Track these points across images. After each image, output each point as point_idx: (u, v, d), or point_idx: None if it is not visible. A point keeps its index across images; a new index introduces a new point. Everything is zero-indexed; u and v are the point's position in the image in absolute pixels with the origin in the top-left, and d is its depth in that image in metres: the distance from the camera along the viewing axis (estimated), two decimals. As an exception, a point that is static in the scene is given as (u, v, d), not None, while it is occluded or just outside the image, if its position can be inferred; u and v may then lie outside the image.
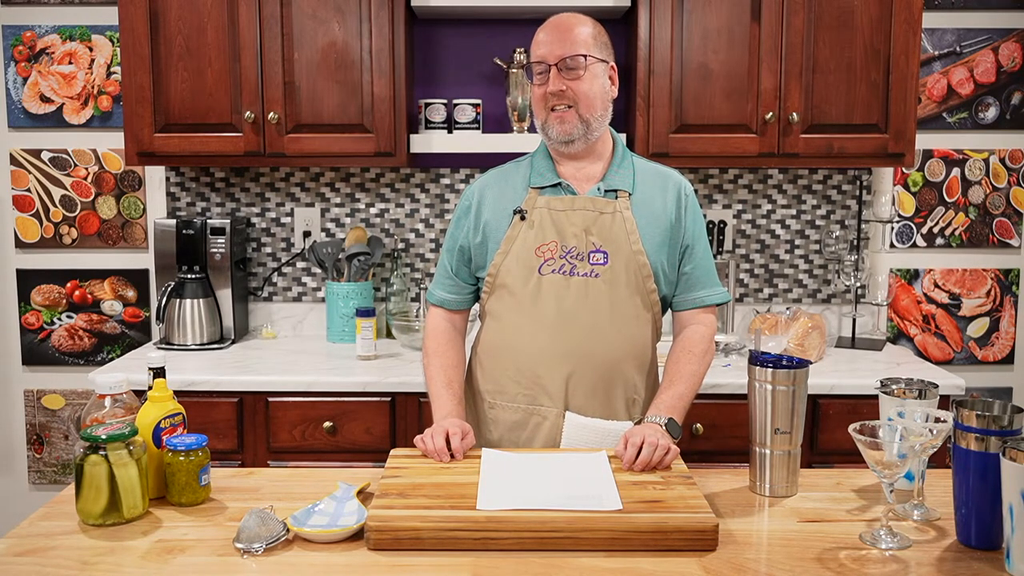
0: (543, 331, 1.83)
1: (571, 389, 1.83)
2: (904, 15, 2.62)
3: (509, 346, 1.87)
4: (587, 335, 1.82)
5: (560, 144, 1.86)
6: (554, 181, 1.87)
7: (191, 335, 2.81)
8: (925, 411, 1.47)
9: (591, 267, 1.82)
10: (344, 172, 3.04)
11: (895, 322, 3.10)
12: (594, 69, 1.83)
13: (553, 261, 1.83)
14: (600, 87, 1.84)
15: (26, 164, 3.05)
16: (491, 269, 1.88)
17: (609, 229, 1.83)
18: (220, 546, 1.37)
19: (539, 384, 1.84)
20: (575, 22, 1.84)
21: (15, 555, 1.35)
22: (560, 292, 1.82)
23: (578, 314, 1.82)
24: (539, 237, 1.84)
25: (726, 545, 1.37)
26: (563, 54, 1.80)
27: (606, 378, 1.84)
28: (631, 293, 1.84)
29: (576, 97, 1.81)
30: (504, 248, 1.86)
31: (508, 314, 1.87)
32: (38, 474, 3.14)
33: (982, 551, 1.35)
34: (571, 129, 1.82)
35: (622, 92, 2.94)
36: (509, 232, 1.86)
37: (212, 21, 2.63)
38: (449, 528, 1.35)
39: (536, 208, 1.85)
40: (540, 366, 1.84)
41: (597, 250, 1.83)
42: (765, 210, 3.05)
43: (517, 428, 1.86)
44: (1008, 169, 3.06)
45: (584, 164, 1.89)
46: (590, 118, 1.83)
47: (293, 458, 2.48)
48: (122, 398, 1.55)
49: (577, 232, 1.83)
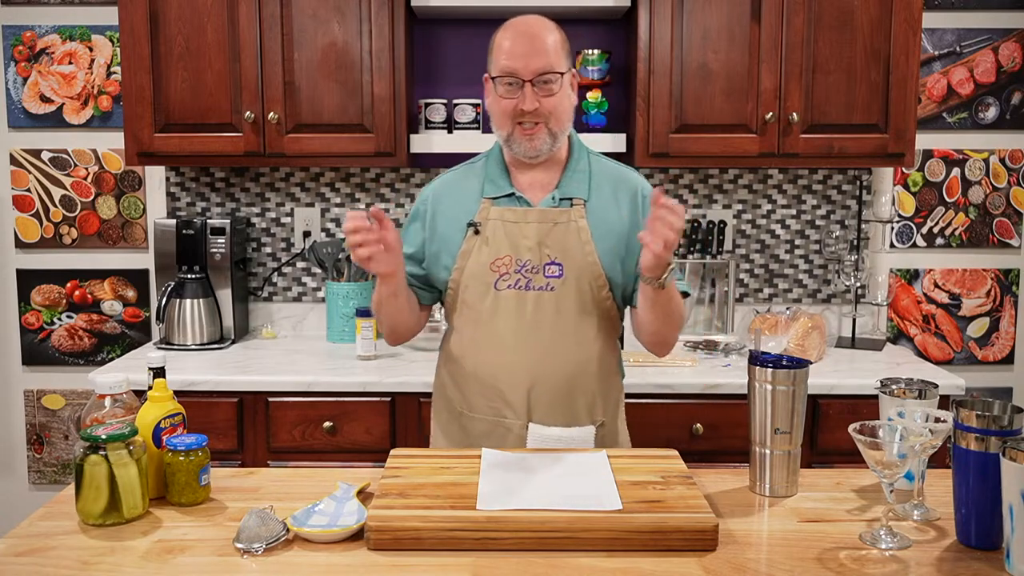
0: (502, 347, 1.82)
1: (533, 402, 1.83)
2: (904, 15, 2.62)
3: (471, 361, 1.86)
4: (546, 349, 1.81)
5: (527, 158, 1.82)
6: (508, 191, 1.85)
7: (191, 335, 2.81)
8: (925, 411, 1.47)
9: (546, 280, 1.81)
10: (344, 172, 3.04)
11: (895, 322, 3.10)
12: (563, 81, 1.79)
13: (508, 276, 1.81)
14: (569, 100, 1.82)
15: (26, 164, 3.05)
16: (451, 284, 1.86)
17: (563, 239, 1.81)
18: (220, 546, 1.37)
19: (502, 398, 1.84)
20: (543, 29, 1.79)
21: (15, 555, 1.35)
22: (518, 308, 1.81)
23: (536, 329, 1.81)
24: (493, 252, 1.82)
25: (726, 545, 1.37)
26: (539, 69, 1.74)
27: (567, 389, 1.83)
28: (587, 303, 1.83)
29: (549, 114, 1.77)
30: (460, 264, 1.84)
31: (468, 329, 1.86)
32: (38, 474, 3.14)
33: (982, 551, 1.35)
34: (540, 145, 1.80)
35: (622, 92, 2.95)
36: (464, 247, 1.84)
37: (212, 21, 2.63)
38: (449, 528, 1.35)
39: (489, 220, 1.83)
40: (501, 381, 1.83)
41: (552, 262, 1.81)
42: (765, 210, 3.05)
43: (484, 437, 1.86)
44: (1008, 169, 3.06)
45: (538, 172, 1.86)
46: (559, 132, 1.81)
47: (293, 458, 2.48)
48: (122, 398, 1.55)
49: (531, 245, 1.81)
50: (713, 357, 2.72)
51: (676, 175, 3.03)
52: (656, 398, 2.45)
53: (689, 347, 2.82)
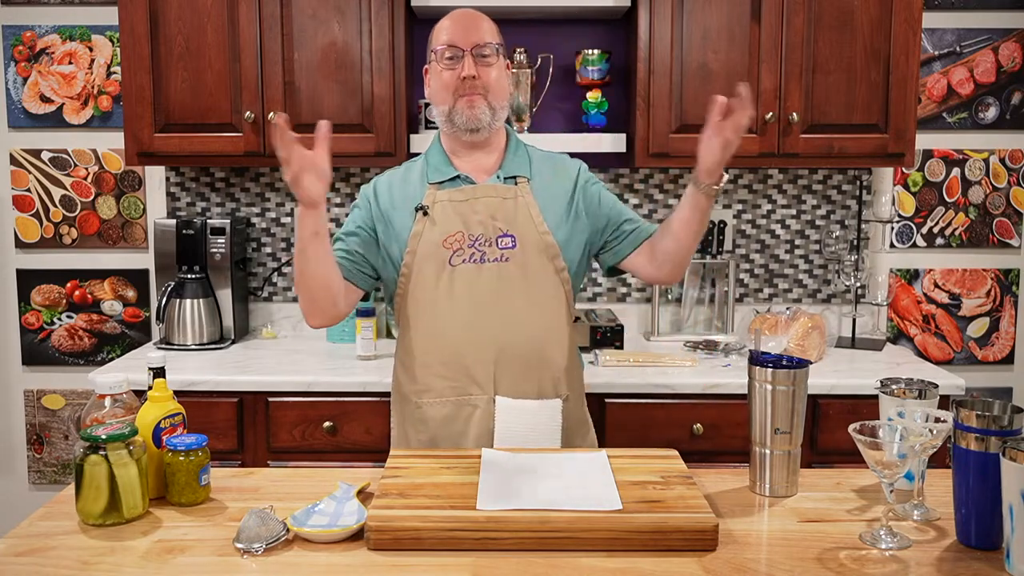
0: (463, 321, 1.83)
1: (498, 375, 1.84)
2: (904, 15, 2.62)
3: (431, 342, 1.86)
4: (507, 319, 1.83)
5: (465, 132, 1.86)
6: (452, 175, 1.89)
7: (191, 335, 2.81)
8: (925, 411, 1.47)
9: (500, 251, 1.84)
10: (344, 172, 3.04)
11: (895, 322, 3.11)
12: (500, 61, 1.88)
13: (462, 251, 1.84)
14: (506, 81, 1.90)
15: (26, 164, 3.05)
16: (403, 269, 1.87)
17: (513, 214, 1.86)
18: (220, 546, 1.37)
19: (468, 374, 1.84)
20: (480, 15, 1.90)
21: (15, 555, 1.35)
22: (474, 281, 1.83)
23: (495, 300, 1.83)
24: (444, 230, 1.84)
25: (726, 545, 1.37)
26: (477, 41, 1.84)
27: (531, 360, 1.85)
28: (543, 273, 1.87)
29: (487, 84, 1.85)
30: (412, 246, 1.85)
31: (425, 311, 1.86)
32: (38, 474, 3.14)
33: (982, 551, 1.35)
34: (480, 115, 1.84)
35: (622, 92, 2.95)
36: (414, 228, 1.86)
37: (212, 21, 2.63)
38: (449, 528, 1.35)
39: (437, 203, 1.86)
40: (465, 356, 1.84)
41: (504, 234, 1.85)
42: (765, 210, 3.05)
43: (448, 422, 1.86)
44: (1008, 169, 3.06)
45: (480, 155, 1.92)
46: (497, 107, 1.87)
47: (293, 458, 2.48)
48: (122, 398, 1.55)
49: (482, 219, 1.85)
50: (713, 357, 2.72)
51: (676, 175, 3.03)
52: (656, 398, 2.45)
53: (689, 347, 2.82)
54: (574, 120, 2.96)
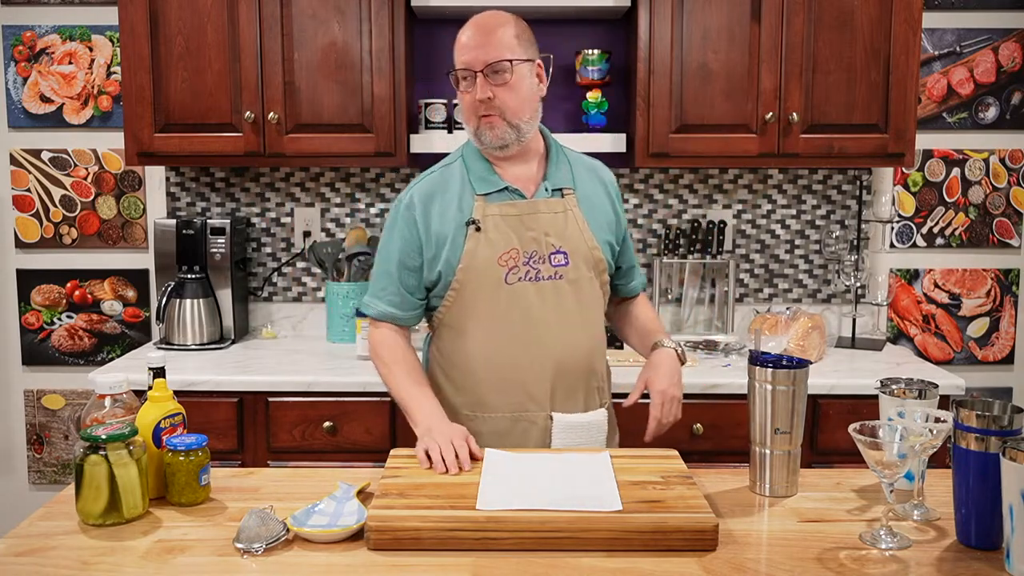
0: (521, 340, 1.83)
1: (555, 391, 1.85)
2: (904, 15, 2.62)
3: (486, 358, 1.84)
4: (562, 337, 1.84)
5: (494, 149, 1.84)
6: (500, 186, 1.85)
7: (191, 335, 2.81)
8: (925, 411, 1.47)
9: (554, 269, 1.84)
10: (344, 172, 3.04)
11: (895, 322, 3.10)
12: (520, 71, 1.80)
13: (517, 269, 1.82)
14: (527, 89, 1.82)
15: (26, 164, 3.05)
16: (454, 284, 1.84)
17: (564, 228, 1.85)
18: (220, 546, 1.37)
19: (525, 391, 1.84)
20: (497, 23, 1.81)
21: (15, 555, 1.35)
22: (530, 299, 1.82)
23: (550, 317, 1.83)
24: (498, 246, 1.82)
25: (726, 545, 1.37)
26: (487, 59, 1.77)
27: (583, 374, 1.88)
28: (591, 288, 1.88)
29: (503, 105, 1.79)
30: (465, 263, 1.82)
31: (478, 327, 1.84)
32: (38, 474, 3.14)
33: (982, 551, 1.35)
34: (502, 134, 1.81)
35: (622, 92, 2.95)
36: (467, 245, 1.82)
37: (212, 21, 2.63)
38: (449, 528, 1.35)
39: (488, 216, 1.83)
40: (524, 373, 1.83)
41: (557, 251, 1.84)
42: (765, 210, 3.05)
43: (502, 437, 1.84)
44: (1008, 169, 3.06)
45: (520, 164, 1.89)
46: (519, 123, 1.82)
47: (293, 458, 2.48)
48: (122, 398, 1.55)
49: (536, 236, 1.83)
50: (713, 357, 2.72)
51: (676, 175, 3.04)
52: (656, 398, 2.45)
53: (689, 347, 2.82)
54: (574, 120, 2.96)
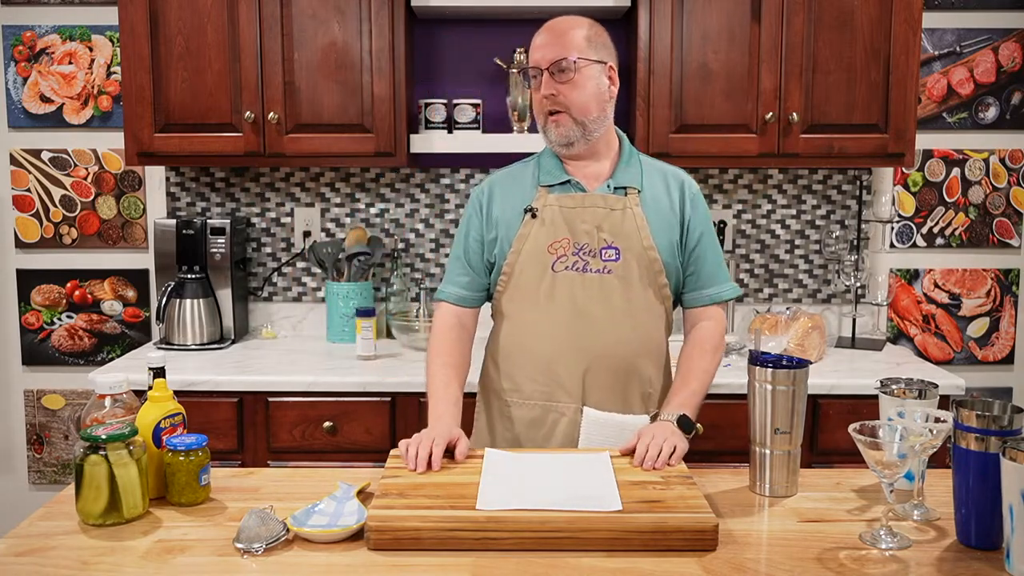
0: (559, 328, 1.84)
1: (588, 385, 1.85)
2: (904, 15, 2.62)
3: (525, 344, 1.88)
4: (602, 331, 1.84)
5: (560, 147, 1.88)
6: (563, 179, 1.89)
7: (191, 335, 2.81)
8: (925, 411, 1.47)
9: (603, 263, 1.84)
10: (344, 172, 3.04)
11: (895, 322, 3.10)
12: (587, 71, 1.82)
13: (566, 258, 1.85)
14: (594, 88, 1.84)
15: (26, 164, 3.05)
16: (505, 268, 1.88)
17: (620, 225, 1.85)
18: (220, 546, 1.37)
19: (556, 381, 1.85)
20: (569, 25, 1.85)
21: (15, 555, 1.35)
22: (574, 289, 1.84)
23: (593, 310, 1.84)
24: (551, 234, 1.85)
25: (726, 545, 1.37)
26: (554, 58, 1.81)
27: (622, 373, 1.86)
28: (644, 288, 1.86)
29: (568, 102, 1.82)
30: (516, 247, 1.87)
31: (523, 312, 1.88)
32: (38, 474, 3.14)
33: (982, 551, 1.35)
34: (567, 132, 1.84)
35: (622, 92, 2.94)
36: (521, 230, 1.87)
37: (212, 21, 2.63)
38: (449, 528, 1.35)
39: (547, 206, 1.87)
40: (557, 363, 1.85)
41: (609, 246, 1.84)
42: (765, 210, 3.05)
43: (535, 426, 1.87)
44: (1008, 169, 3.06)
45: (590, 163, 1.91)
46: (585, 121, 1.84)
47: (293, 458, 2.48)
48: (122, 398, 1.55)
49: (588, 229, 1.85)
50: (713, 357, 2.72)
51: (676, 175, 3.03)
52: (656, 398, 2.45)
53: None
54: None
